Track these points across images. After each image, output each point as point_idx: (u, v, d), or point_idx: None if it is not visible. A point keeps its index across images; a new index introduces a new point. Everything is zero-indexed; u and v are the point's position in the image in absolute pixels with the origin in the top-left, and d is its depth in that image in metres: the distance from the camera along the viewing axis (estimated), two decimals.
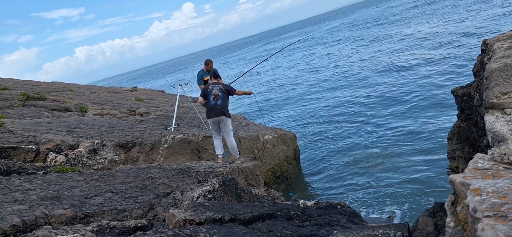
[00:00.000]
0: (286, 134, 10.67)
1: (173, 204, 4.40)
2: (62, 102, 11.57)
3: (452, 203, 1.89)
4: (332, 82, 22.41)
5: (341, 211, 5.20)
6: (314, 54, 38.16)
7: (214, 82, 7.46)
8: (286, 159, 10.13)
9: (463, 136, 5.15)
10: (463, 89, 5.35)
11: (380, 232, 3.68)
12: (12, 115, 8.87)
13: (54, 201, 4.04)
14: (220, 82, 7.52)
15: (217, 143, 7.27)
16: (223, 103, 7.14)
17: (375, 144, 11.35)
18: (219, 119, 7.15)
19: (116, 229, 3.40)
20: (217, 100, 7.11)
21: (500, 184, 1.70)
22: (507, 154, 2.23)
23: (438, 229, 4.17)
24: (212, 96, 7.15)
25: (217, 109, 7.10)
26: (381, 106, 14.88)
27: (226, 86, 7.37)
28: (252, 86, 30.57)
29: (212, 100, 7.13)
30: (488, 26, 23.09)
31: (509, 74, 3.26)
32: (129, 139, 7.52)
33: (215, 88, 7.23)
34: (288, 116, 17.94)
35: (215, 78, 7.66)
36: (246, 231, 3.76)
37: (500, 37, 4.98)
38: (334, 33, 55.55)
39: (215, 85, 7.31)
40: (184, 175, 5.74)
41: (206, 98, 7.26)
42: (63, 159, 6.33)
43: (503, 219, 1.42)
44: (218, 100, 7.11)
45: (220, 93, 7.15)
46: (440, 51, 20.99)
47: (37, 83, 16.38)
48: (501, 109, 2.79)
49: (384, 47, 28.37)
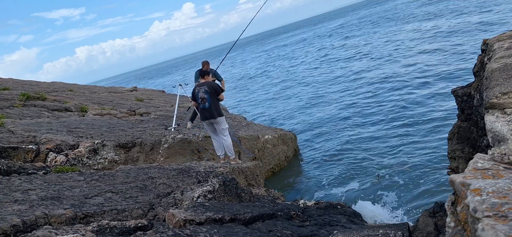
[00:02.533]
0: (286, 134, 10.67)
1: (173, 204, 4.40)
2: (62, 102, 11.57)
3: (452, 203, 1.89)
4: (333, 82, 22.41)
5: (341, 211, 5.20)
6: (314, 54, 38.16)
7: (200, 84, 7.27)
8: (286, 159, 10.14)
9: (463, 136, 5.14)
10: (463, 89, 5.35)
11: (380, 232, 3.68)
12: (12, 115, 8.87)
13: (54, 201, 4.04)
14: (207, 80, 7.31)
15: (216, 145, 7.24)
16: (210, 105, 7.01)
17: (375, 144, 11.34)
18: (210, 121, 7.09)
19: (116, 229, 3.40)
20: (204, 102, 7.02)
21: (500, 184, 1.70)
22: (507, 154, 2.23)
23: (438, 229, 4.17)
24: (200, 99, 7.05)
25: (206, 112, 7.02)
26: (381, 107, 14.87)
27: (211, 85, 7.17)
28: (252, 86, 30.60)
29: (201, 103, 7.05)
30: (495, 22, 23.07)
31: (509, 74, 3.26)
32: (129, 139, 7.52)
33: (200, 90, 7.08)
34: (288, 116, 17.94)
35: (202, 77, 7.47)
36: (246, 231, 3.76)
37: (500, 37, 4.98)
38: (335, 33, 55.53)
39: (201, 87, 7.13)
40: (184, 175, 5.74)
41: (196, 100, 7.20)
42: (63, 159, 6.33)
43: (503, 219, 1.42)
44: (206, 102, 7.01)
45: (206, 95, 7.00)
46: (440, 51, 20.98)
47: (37, 83, 16.38)
48: (501, 109, 2.79)
49: (383, 47, 28.35)
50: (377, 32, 38.72)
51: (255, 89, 28.55)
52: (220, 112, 7.16)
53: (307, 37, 65.78)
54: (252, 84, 31.41)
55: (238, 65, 54.51)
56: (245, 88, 29.96)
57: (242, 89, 30.05)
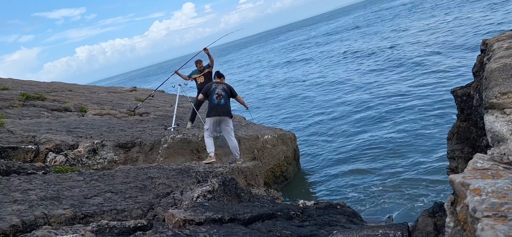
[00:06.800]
0: (286, 134, 10.67)
1: (172, 204, 4.39)
2: (62, 102, 11.56)
3: (452, 203, 1.90)
4: (333, 82, 22.42)
5: (340, 211, 5.20)
6: (314, 54, 38.16)
7: (218, 82, 7.50)
8: (286, 159, 10.13)
9: (462, 136, 5.15)
10: (462, 89, 5.35)
11: (380, 232, 3.68)
12: (11, 115, 8.86)
13: (53, 201, 4.03)
14: (223, 82, 7.57)
15: (210, 142, 7.21)
16: (226, 103, 7.17)
17: (375, 144, 11.35)
18: (221, 119, 7.15)
19: (116, 229, 3.40)
20: (220, 99, 7.13)
21: (499, 184, 1.70)
22: (506, 154, 2.23)
23: (438, 229, 4.17)
24: (215, 95, 7.16)
25: (220, 108, 7.10)
26: (381, 106, 14.88)
27: (229, 87, 7.41)
28: (251, 86, 30.62)
29: (215, 99, 7.15)
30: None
31: (509, 74, 3.26)
32: (129, 139, 7.52)
33: (218, 87, 7.26)
34: (288, 115, 17.94)
35: (219, 77, 7.73)
36: (245, 231, 3.76)
37: (500, 37, 4.98)
38: (337, 32, 55.53)
39: (218, 85, 7.34)
40: (184, 175, 5.74)
41: (208, 96, 7.28)
42: (63, 159, 6.32)
43: (503, 219, 1.42)
44: (221, 99, 7.14)
45: (223, 93, 7.18)
46: (440, 51, 20.99)
47: (37, 83, 16.37)
48: (501, 109, 2.79)
49: (383, 47, 28.36)
50: (377, 32, 38.73)
51: (255, 89, 28.57)
52: (231, 114, 7.33)
53: (301, 39, 65.78)
54: (252, 84, 31.43)
55: (239, 66, 54.51)
56: (245, 88, 29.97)
57: (242, 89, 30.08)
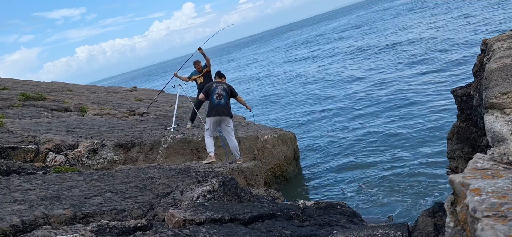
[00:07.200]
0: (286, 134, 10.67)
1: (172, 204, 4.39)
2: (62, 102, 11.56)
3: (452, 203, 1.89)
4: (333, 82, 22.41)
5: (340, 211, 5.20)
6: (315, 54, 38.16)
7: (218, 82, 7.51)
8: (286, 159, 10.13)
9: (462, 136, 5.15)
10: (462, 89, 5.35)
11: (380, 232, 3.68)
12: (11, 115, 8.86)
13: (53, 201, 4.03)
14: (224, 82, 7.58)
15: (210, 142, 7.20)
16: (226, 103, 7.18)
17: (375, 144, 11.35)
18: (221, 119, 7.15)
19: (116, 229, 3.40)
20: (221, 99, 7.14)
21: (499, 184, 1.70)
22: (506, 154, 2.23)
23: (438, 229, 4.17)
24: (216, 95, 7.17)
25: (220, 108, 7.11)
26: (381, 106, 14.87)
27: (229, 87, 7.42)
28: (251, 87, 30.61)
29: (216, 98, 7.15)
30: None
31: (509, 74, 3.26)
32: (129, 139, 7.52)
33: (219, 87, 7.27)
34: (288, 116, 17.94)
35: (220, 77, 7.75)
36: (245, 231, 3.76)
37: (500, 37, 4.98)
38: (338, 32, 55.52)
39: (219, 84, 7.35)
40: (184, 175, 5.74)
41: (209, 96, 7.28)
42: (63, 159, 6.32)
43: (503, 219, 1.42)
44: (222, 99, 7.15)
45: (224, 93, 7.19)
46: (440, 51, 20.98)
47: (37, 83, 16.37)
48: (501, 109, 2.79)
49: (383, 47, 28.36)
50: (377, 31, 38.73)
51: (255, 89, 28.57)
52: (231, 114, 7.33)
53: (306, 38, 65.77)
54: (252, 84, 31.43)
55: (238, 66, 54.51)
56: (245, 89, 29.97)
57: (242, 89, 30.07)
